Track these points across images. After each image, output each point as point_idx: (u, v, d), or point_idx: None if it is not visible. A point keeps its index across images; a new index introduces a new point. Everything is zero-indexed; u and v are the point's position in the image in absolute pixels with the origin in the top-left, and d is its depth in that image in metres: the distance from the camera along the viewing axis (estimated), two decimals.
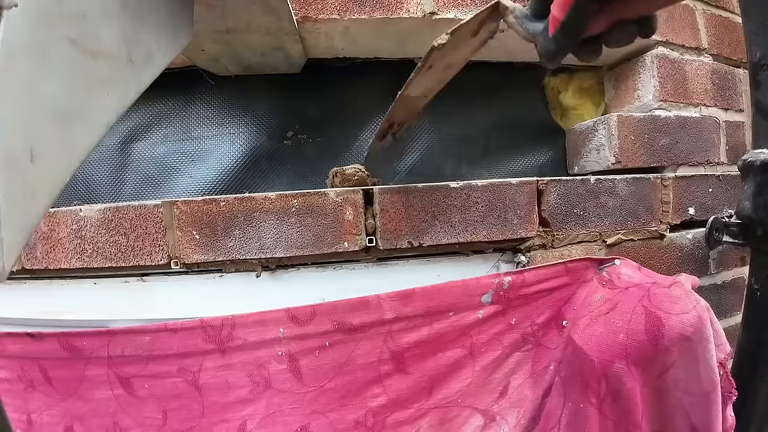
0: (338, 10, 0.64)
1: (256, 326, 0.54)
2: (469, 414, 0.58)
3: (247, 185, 0.75)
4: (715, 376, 0.48)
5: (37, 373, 0.55)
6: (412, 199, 0.60)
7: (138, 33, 0.31)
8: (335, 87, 0.77)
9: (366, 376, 0.55)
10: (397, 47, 0.74)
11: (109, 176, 0.74)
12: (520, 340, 0.57)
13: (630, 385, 0.49)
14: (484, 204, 0.62)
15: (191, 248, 0.56)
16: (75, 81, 0.25)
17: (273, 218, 0.57)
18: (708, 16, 0.85)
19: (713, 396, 0.48)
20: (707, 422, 0.48)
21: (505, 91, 0.84)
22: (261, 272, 0.59)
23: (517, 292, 0.56)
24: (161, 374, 0.54)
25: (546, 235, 0.65)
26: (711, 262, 0.78)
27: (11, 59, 0.20)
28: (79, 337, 0.54)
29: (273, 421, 0.55)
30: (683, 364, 0.48)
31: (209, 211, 0.56)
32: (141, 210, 0.56)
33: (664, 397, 0.49)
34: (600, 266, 0.57)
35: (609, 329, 0.50)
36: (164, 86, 0.72)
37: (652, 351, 0.48)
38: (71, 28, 0.25)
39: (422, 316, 0.55)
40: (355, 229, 0.58)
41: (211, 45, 0.61)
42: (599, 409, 0.51)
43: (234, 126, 0.75)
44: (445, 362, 0.56)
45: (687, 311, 0.48)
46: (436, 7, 0.65)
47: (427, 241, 0.60)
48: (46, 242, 0.57)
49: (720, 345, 0.50)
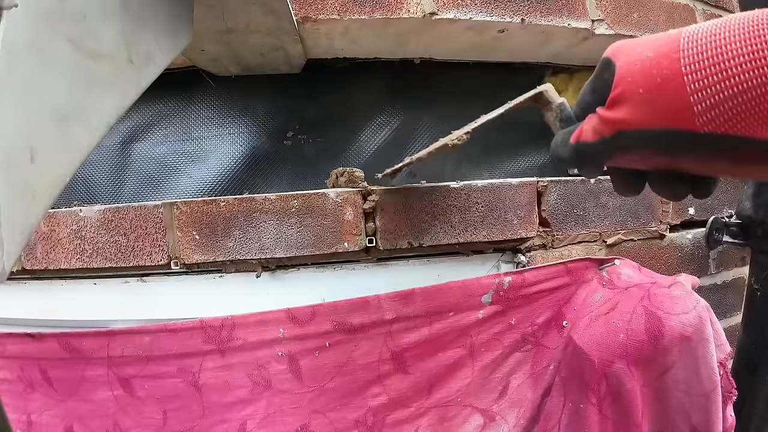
0: (338, 10, 0.64)
1: (256, 327, 0.53)
2: (469, 413, 0.58)
3: (247, 185, 0.75)
4: (715, 376, 0.48)
5: (36, 373, 0.55)
6: (412, 199, 0.60)
7: (138, 33, 0.31)
8: (335, 87, 0.77)
9: (366, 376, 0.55)
10: (397, 47, 0.74)
11: (109, 176, 0.74)
12: (520, 340, 0.57)
13: (630, 385, 0.49)
14: (484, 204, 0.62)
15: (191, 248, 0.56)
16: (75, 81, 0.25)
17: (273, 218, 0.57)
18: (708, 16, 0.85)
19: (713, 396, 0.48)
20: (707, 422, 0.48)
21: (505, 91, 0.83)
22: (261, 272, 0.59)
23: (517, 292, 0.56)
24: (161, 375, 0.54)
25: (546, 236, 0.65)
26: (711, 262, 0.78)
27: (11, 59, 0.20)
28: (79, 338, 0.53)
29: (273, 421, 0.55)
30: (683, 365, 0.48)
31: (209, 212, 0.56)
32: (141, 210, 0.56)
33: (665, 397, 0.49)
34: (600, 266, 0.57)
35: (609, 329, 0.50)
36: (164, 86, 0.72)
37: (652, 351, 0.48)
38: (71, 28, 0.25)
39: (422, 316, 0.55)
40: (355, 230, 0.58)
41: (211, 45, 0.61)
42: (599, 410, 0.51)
43: (234, 126, 0.75)
44: (445, 362, 0.56)
45: (687, 311, 0.48)
46: (436, 7, 0.65)
47: (427, 241, 0.60)
48: (46, 242, 0.57)
49: (720, 345, 0.50)
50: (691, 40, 0.24)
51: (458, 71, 0.80)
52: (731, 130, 0.23)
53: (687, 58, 0.24)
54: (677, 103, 0.24)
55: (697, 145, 0.24)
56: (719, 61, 0.22)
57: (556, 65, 0.83)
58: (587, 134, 0.29)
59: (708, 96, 0.23)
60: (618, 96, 0.26)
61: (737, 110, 0.22)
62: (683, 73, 0.23)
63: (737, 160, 0.25)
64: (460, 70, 0.80)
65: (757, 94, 0.21)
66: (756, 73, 0.21)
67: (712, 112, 0.23)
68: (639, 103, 0.25)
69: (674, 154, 0.26)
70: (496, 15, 0.67)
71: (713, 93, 0.23)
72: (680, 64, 0.24)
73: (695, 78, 0.23)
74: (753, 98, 0.22)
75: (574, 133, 0.30)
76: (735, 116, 0.22)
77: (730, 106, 0.22)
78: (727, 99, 0.22)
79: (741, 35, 0.22)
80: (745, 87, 0.22)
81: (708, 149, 0.24)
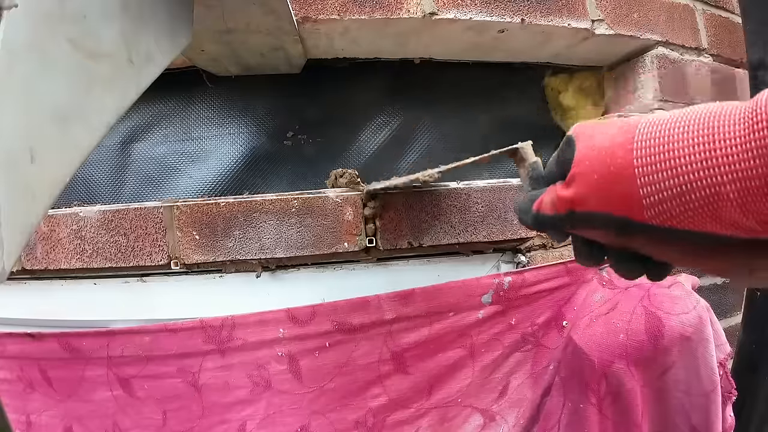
0: (338, 10, 0.64)
1: (256, 327, 0.53)
2: (469, 413, 0.58)
3: (247, 186, 0.75)
4: (715, 376, 0.48)
5: (36, 373, 0.55)
6: (412, 199, 0.60)
7: (138, 33, 0.31)
8: (335, 87, 0.77)
9: (366, 377, 0.55)
10: (397, 48, 0.74)
11: (109, 177, 0.74)
12: (520, 340, 0.57)
13: (630, 385, 0.49)
14: (484, 204, 0.62)
15: (191, 249, 0.56)
16: (75, 81, 0.25)
17: (273, 219, 0.57)
18: (708, 16, 0.85)
19: (713, 396, 0.48)
20: (707, 422, 0.48)
21: (505, 91, 0.84)
22: (261, 272, 0.59)
23: (518, 292, 0.56)
24: (161, 375, 0.54)
25: (546, 236, 0.65)
26: None
27: (11, 59, 0.20)
28: (78, 338, 0.53)
29: (273, 421, 0.55)
30: (683, 365, 0.48)
31: (209, 212, 0.56)
32: (141, 210, 0.56)
33: (664, 397, 0.49)
34: (600, 266, 0.57)
35: (609, 329, 0.50)
36: (164, 86, 0.72)
37: (652, 351, 0.48)
38: (71, 28, 0.25)
39: (422, 316, 0.55)
40: (355, 230, 0.58)
41: (211, 45, 0.61)
42: (599, 410, 0.51)
43: (234, 126, 0.75)
44: (445, 362, 0.56)
45: (687, 311, 0.48)
46: (436, 7, 0.65)
47: (427, 241, 0.60)
48: (46, 243, 0.56)
49: (720, 345, 0.50)
50: (646, 132, 0.25)
51: (458, 71, 0.80)
52: (678, 225, 0.24)
53: (640, 150, 0.24)
54: (628, 194, 0.25)
55: (644, 234, 0.25)
56: (670, 158, 0.23)
57: (556, 65, 0.83)
58: (546, 207, 0.30)
59: (657, 191, 0.24)
60: (574, 176, 0.27)
61: (685, 208, 0.23)
62: (634, 166, 0.24)
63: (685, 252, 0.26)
64: (460, 70, 0.80)
65: (706, 194, 0.22)
66: (706, 174, 0.22)
67: (660, 206, 0.24)
68: (593, 187, 0.26)
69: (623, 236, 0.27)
70: (496, 15, 0.67)
71: (662, 189, 0.23)
72: (632, 156, 0.24)
73: (646, 172, 0.24)
74: (701, 198, 0.22)
75: (535, 202, 0.31)
76: (682, 213, 0.23)
77: (678, 203, 0.23)
78: (675, 196, 0.23)
79: (695, 135, 0.23)
80: (693, 187, 0.22)
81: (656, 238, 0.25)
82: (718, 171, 0.22)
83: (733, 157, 0.21)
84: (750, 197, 0.21)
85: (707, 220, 0.23)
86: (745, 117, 0.21)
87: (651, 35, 0.76)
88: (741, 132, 0.21)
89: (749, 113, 0.21)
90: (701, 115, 0.23)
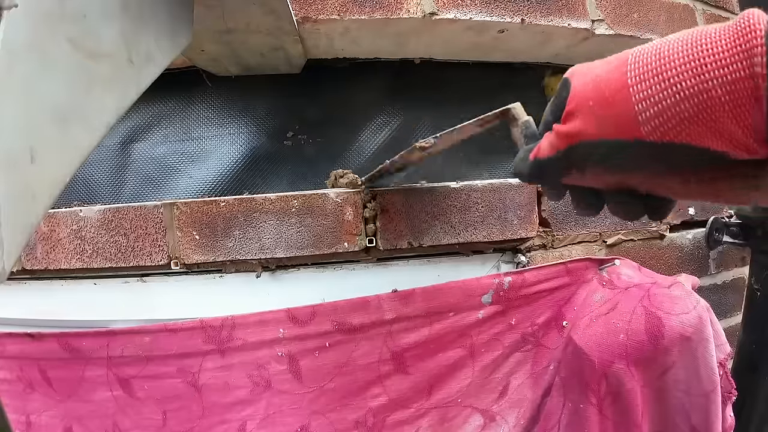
0: (338, 10, 0.64)
1: (256, 327, 0.53)
2: (469, 414, 0.58)
3: (247, 186, 0.75)
4: (715, 376, 0.48)
5: (36, 373, 0.55)
6: (412, 199, 0.60)
7: (138, 33, 0.31)
8: (335, 87, 0.77)
9: (366, 377, 0.55)
10: (397, 48, 0.74)
11: (109, 177, 0.74)
12: (520, 341, 0.57)
13: (630, 385, 0.49)
14: (484, 204, 0.62)
15: (191, 249, 0.56)
16: (75, 81, 0.25)
17: (273, 219, 0.57)
18: (708, 16, 0.85)
19: (713, 396, 0.48)
20: (707, 422, 0.48)
21: (505, 91, 0.84)
22: (261, 272, 0.59)
23: (518, 292, 0.56)
24: (161, 375, 0.54)
25: (546, 236, 0.65)
26: (711, 262, 0.78)
27: (11, 59, 0.20)
28: (78, 338, 0.53)
29: (273, 421, 0.55)
30: (683, 365, 0.48)
31: (209, 212, 0.56)
32: (141, 210, 0.56)
33: (664, 397, 0.49)
34: (600, 266, 0.57)
35: (609, 329, 0.50)
36: (164, 86, 0.72)
37: (652, 351, 0.48)
38: (71, 27, 0.25)
39: (422, 316, 0.55)
40: (355, 230, 0.58)
41: (211, 45, 0.61)
42: (599, 410, 0.51)
43: (234, 126, 0.75)
44: (445, 362, 0.56)
45: (687, 311, 0.48)
46: (436, 7, 0.65)
47: (427, 241, 0.60)
48: (46, 243, 0.56)
49: (720, 345, 0.50)
50: (637, 56, 0.25)
51: (458, 71, 0.80)
52: (675, 138, 0.24)
53: (633, 71, 0.25)
54: (624, 113, 0.25)
55: (644, 158, 0.25)
56: (662, 71, 0.24)
57: (556, 65, 0.83)
58: (544, 150, 0.30)
59: (652, 105, 0.24)
60: (571, 110, 0.28)
61: (680, 117, 0.23)
62: (629, 85, 0.25)
63: (686, 180, 0.26)
64: (460, 70, 0.80)
65: (698, 101, 0.22)
66: (696, 80, 0.22)
67: (656, 120, 0.24)
68: (589, 115, 0.27)
69: (624, 168, 0.27)
70: (496, 15, 0.67)
71: (657, 101, 0.24)
72: (626, 77, 0.25)
73: (640, 89, 0.24)
74: (694, 105, 0.23)
75: (533, 150, 0.32)
76: (678, 124, 0.23)
77: (673, 114, 0.23)
78: (670, 107, 0.23)
79: (683, 48, 0.23)
80: (686, 95, 0.23)
81: (655, 163, 0.25)
82: (708, 76, 0.22)
83: (722, 61, 0.22)
84: (741, 101, 0.21)
85: (704, 132, 0.23)
86: (732, 26, 0.22)
87: (651, 35, 0.76)
88: (728, 38, 0.22)
89: (735, 23, 0.22)
90: (691, 32, 0.24)
